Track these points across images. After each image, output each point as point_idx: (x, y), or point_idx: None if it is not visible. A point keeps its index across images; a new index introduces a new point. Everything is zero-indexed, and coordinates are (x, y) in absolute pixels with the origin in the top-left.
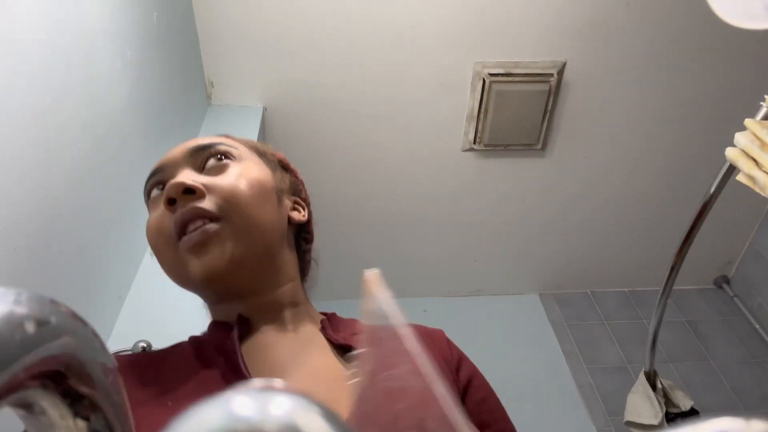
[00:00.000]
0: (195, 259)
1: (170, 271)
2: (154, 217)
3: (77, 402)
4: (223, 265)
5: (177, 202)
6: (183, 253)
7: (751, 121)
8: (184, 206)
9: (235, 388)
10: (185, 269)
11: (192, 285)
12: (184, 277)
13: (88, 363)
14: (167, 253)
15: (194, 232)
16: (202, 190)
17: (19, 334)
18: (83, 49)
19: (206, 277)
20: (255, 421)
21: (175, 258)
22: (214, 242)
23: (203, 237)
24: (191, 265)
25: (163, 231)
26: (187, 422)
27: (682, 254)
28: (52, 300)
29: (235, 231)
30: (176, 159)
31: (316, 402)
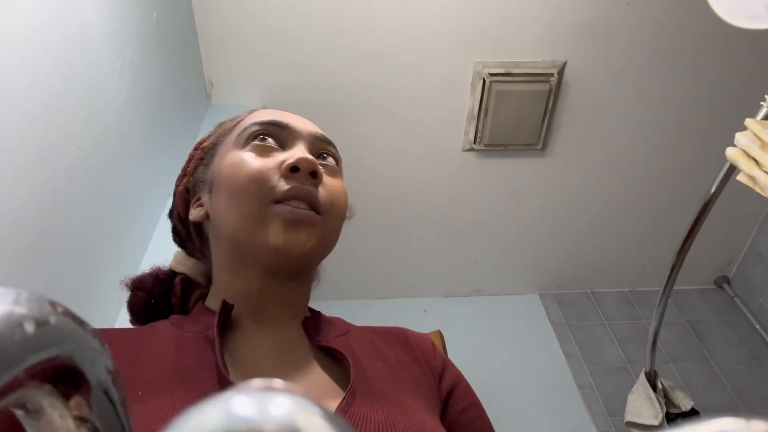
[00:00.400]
0: (282, 230)
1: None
2: (258, 165)
3: (77, 403)
4: (299, 251)
5: (299, 174)
6: (272, 217)
7: (752, 121)
8: (303, 182)
9: (233, 388)
10: (264, 229)
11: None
12: (253, 231)
13: (87, 363)
14: (253, 204)
15: (299, 210)
16: (321, 181)
17: (18, 334)
18: (82, 48)
19: (280, 250)
20: (255, 422)
21: (260, 213)
22: (307, 229)
23: (304, 219)
24: (275, 232)
25: (264, 183)
26: (186, 422)
27: (682, 254)
28: (51, 300)
29: (323, 231)
30: (301, 131)
31: (317, 402)
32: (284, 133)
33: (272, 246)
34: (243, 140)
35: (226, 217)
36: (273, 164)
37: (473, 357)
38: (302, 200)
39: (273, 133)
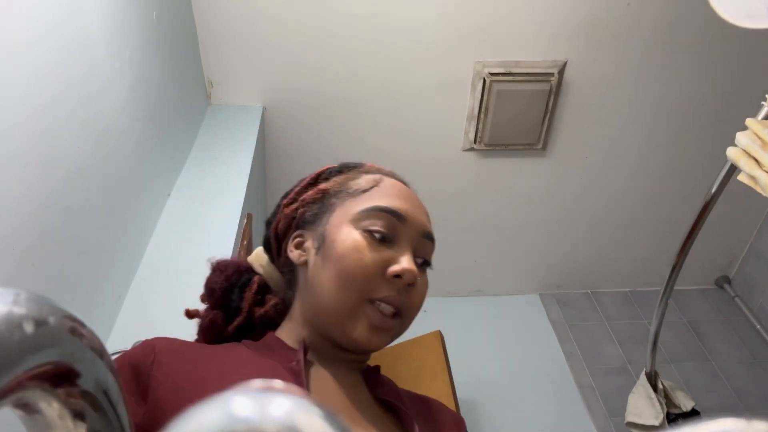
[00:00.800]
0: (367, 331)
1: (337, 301)
2: (369, 261)
3: (75, 402)
4: (376, 347)
5: (399, 281)
6: (362, 315)
7: (753, 121)
8: (399, 291)
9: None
10: (353, 322)
11: (340, 328)
12: (343, 319)
13: (86, 363)
14: (353, 295)
15: (386, 319)
16: (414, 287)
17: (17, 334)
18: (82, 48)
19: (360, 347)
20: (255, 422)
21: (355, 307)
22: (388, 335)
23: (388, 327)
24: (361, 330)
25: (369, 281)
26: (187, 423)
27: (683, 254)
28: (50, 300)
29: (397, 332)
30: (414, 228)
31: (316, 403)
32: (400, 226)
33: (355, 339)
34: (362, 222)
35: (324, 290)
36: (381, 262)
37: (473, 357)
38: (394, 306)
39: (389, 225)
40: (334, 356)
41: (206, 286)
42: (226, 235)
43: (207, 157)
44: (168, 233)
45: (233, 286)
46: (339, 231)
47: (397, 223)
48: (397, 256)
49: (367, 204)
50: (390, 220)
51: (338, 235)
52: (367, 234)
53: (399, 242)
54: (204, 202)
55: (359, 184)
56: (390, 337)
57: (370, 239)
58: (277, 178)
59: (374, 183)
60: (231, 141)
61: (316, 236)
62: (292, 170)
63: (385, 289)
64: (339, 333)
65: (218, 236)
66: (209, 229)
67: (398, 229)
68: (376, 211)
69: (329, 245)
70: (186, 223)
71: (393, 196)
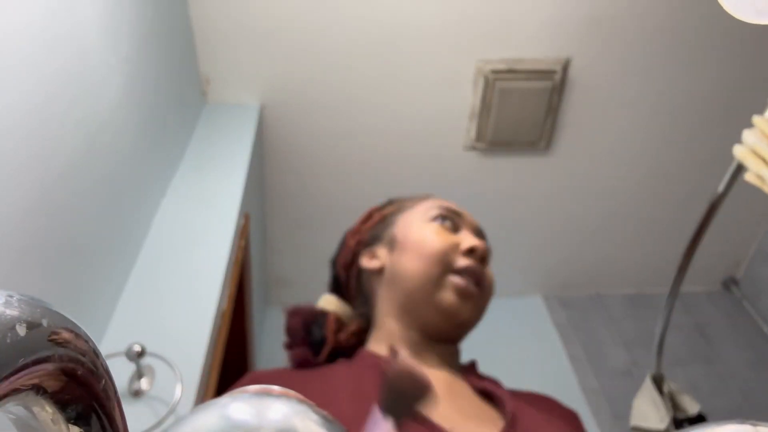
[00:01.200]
0: (455, 298)
1: (423, 277)
2: (444, 240)
3: (69, 406)
4: (463, 318)
5: (474, 255)
6: (450, 284)
7: (760, 119)
8: (476, 261)
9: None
10: (441, 292)
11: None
12: (432, 292)
13: (79, 367)
14: (436, 269)
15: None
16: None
17: (10, 337)
18: (76, 45)
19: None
20: (252, 426)
21: (440, 278)
22: (472, 302)
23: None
24: (448, 297)
25: (448, 255)
26: (184, 428)
27: (689, 255)
28: (43, 302)
29: (480, 306)
30: (469, 222)
31: (313, 407)
32: (458, 219)
33: (445, 307)
34: (429, 216)
35: (409, 274)
36: (454, 242)
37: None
38: (473, 277)
39: (450, 218)
40: (427, 350)
41: (287, 331)
42: (223, 235)
43: (204, 156)
44: (163, 233)
45: (311, 324)
46: (409, 227)
47: (457, 216)
48: (463, 239)
49: (427, 205)
50: (451, 213)
51: (410, 230)
52: (436, 223)
53: (462, 230)
54: (200, 202)
55: (413, 201)
56: (475, 306)
57: (440, 227)
58: (275, 178)
59: (425, 197)
60: (228, 140)
61: (385, 244)
62: (290, 169)
63: (463, 261)
64: (429, 308)
65: (215, 237)
66: (206, 229)
67: (459, 221)
68: (438, 208)
69: (402, 240)
70: (182, 224)
71: (444, 200)
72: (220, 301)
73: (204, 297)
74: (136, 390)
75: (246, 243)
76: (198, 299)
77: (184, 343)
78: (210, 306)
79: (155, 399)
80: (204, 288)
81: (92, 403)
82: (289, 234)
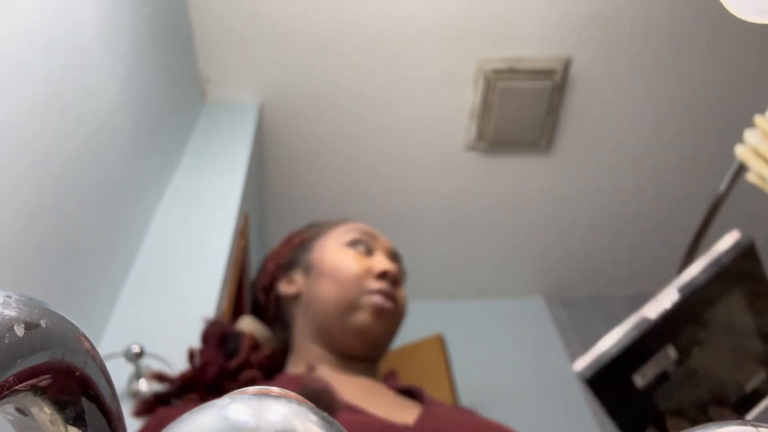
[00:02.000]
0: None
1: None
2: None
3: (68, 407)
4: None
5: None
6: (365, 302)
7: (762, 119)
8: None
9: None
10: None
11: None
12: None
13: (79, 367)
14: (351, 293)
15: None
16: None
17: (8, 337)
18: (75, 45)
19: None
20: (251, 427)
21: (355, 301)
22: (386, 320)
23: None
24: (363, 316)
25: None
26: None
27: (691, 256)
28: (42, 303)
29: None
30: (383, 244)
31: (313, 408)
32: (373, 242)
33: (359, 328)
34: (344, 241)
35: (325, 299)
36: (367, 266)
37: (476, 361)
38: (386, 295)
39: (366, 240)
40: (345, 368)
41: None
42: (222, 235)
43: (203, 156)
44: (162, 234)
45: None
46: (324, 253)
47: (372, 239)
48: (377, 262)
49: (343, 229)
50: (366, 236)
51: (325, 255)
52: (351, 247)
53: (376, 253)
54: (200, 202)
55: (330, 226)
56: (389, 324)
57: (354, 251)
58: (274, 178)
59: (342, 221)
60: (227, 139)
61: (301, 269)
62: (289, 169)
63: (376, 284)
64: (345, 330)
65: (214, 237)
66: (205, 229)
67: (374, 244)
68: (353, 232)
69: (318, 265)
70: (181, 224)
71: (360, 224)
72: (219, 301)
73: (203, 297)
74: (135, 391)
75: (245, 243)
76: (197, 299)
77: (182, 344)
78: (209, 306)
79: None
80: (203, 288)
81: (91, 404)
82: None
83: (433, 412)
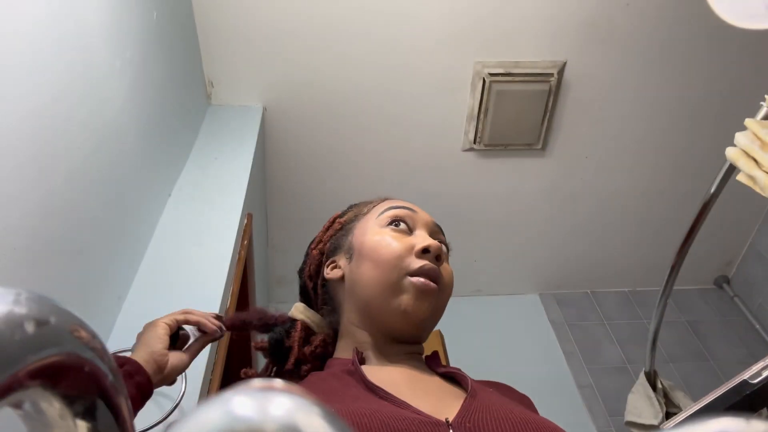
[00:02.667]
0: (413, 298)
1: (380, 284)
2: (398, 245)
3: (77, 402)
4: (422, 317)
5: (428, 255)
6: (408, 286)
7: (752, 121)
8: (430, 261)
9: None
10: (398, 296)
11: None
12: (389, 297)
13: (87, 363)
14: (393, 274)
15: (429, 283)
16: (442, 263)
17: (18, 334)
18: (81, 47)
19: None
20: (255, 422)
21: (397, 283)
22: (429, 301)
23: (431, 291)
24: (406, 300)
25: (403, 260)
26: (187, 423)
27: (682, 254)
28: (51, 300)
29: (438, 304)
30: (425, 218)
31: (316, 402)
32: (414, 217)
33: (402, 310)
34: (383, 221)
35: (367, 282)
36: (408, 245)
37: (473, 357)
38: (430, 276)
39: (405, 218)
40: (391, 352)
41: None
42: (227, 235)
43: (207, 157)
44: (169, 233)
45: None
46: (364, 236)
47: (410, 213)
48: (417, 240)
49: (381, 208)
50: (404, 212)
51: (365, 238)
52: (390, 227)
53: (416, 229)
54: (204, 202)
55: (369, 206)
56: (433, 305)
57: (394, 230)
58: (277, 179)
59: (380, 199)
60: (231, 141)
61: (345, 253)
62: (292, 170)
63: (419, 262)
64: (389, 312)
65: (219, 236)
66: (210, 229)
67: (412, 219)
68: (391, 209)
69: (359, 249)
70: (186, 223)
71: (399, 200)
72: (223, 298)
73: (208, 295)
74: None
75: (249, 242)
76: (202, 297)
77: None
78: (215, 303)
79: (160, 394)
80: (208, 286)
81: (99, 399)
82: (290, 233)
83: (474, 405)
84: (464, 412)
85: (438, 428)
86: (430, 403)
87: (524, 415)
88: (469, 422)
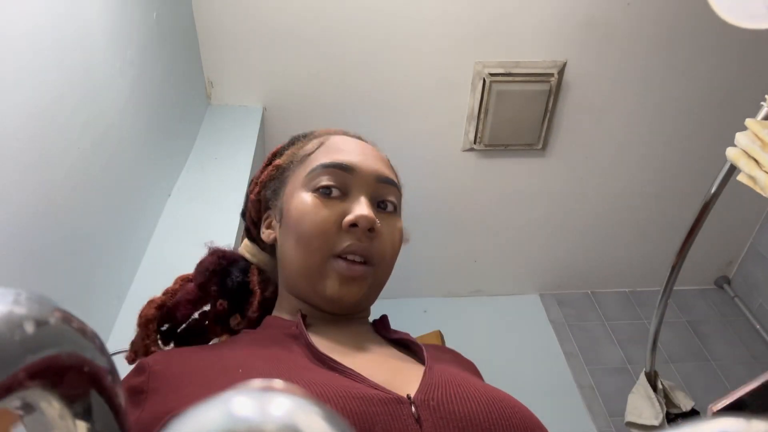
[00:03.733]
0: (337, 284)
1: (303, 266)
2: (322, 217)
3: (76, 402)
4: (350, 302)
5: (357, 229)
6: (330, 270)
7: (752, 121)
8: (360, 239)
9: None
10: (323, 281)
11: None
12: (314, 282)
13: (87, 363)
14: (315, 256)
15: (354, 266)
16: (377, 235)
17: (18, 334)
18: (82, 48)
19: (337, 304)
20: (255, 422)
21: (320, 266)
22: (359, 284)
23: (358, 275)
24: (331, 285)
25: (326, 237)
26: (187, 423)
27: (683, 254)
28: (51, 300)
29: (373, 281)
30: (365, 174)
31: (316, 402)
32: (349, 177)
33: (329, 297)
34: (310, 183)
35: (290, 261)
36: (335, 217)
37: (473, 357)
38: (358, 255)
39: (338, 178)
40: (332, 319)
41: (199, 265)
42: (227, 235)
43: (207, 157)
44: (168, 233)
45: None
46: (292, 199)
47: (346, 174)
48: (350, 206)
49: (312, 164)
50: (337, 173)
51: (292, 203)
52: (317, 193)
53: (352, 193)
54: (204, 202)
55: (306, 150)
56: (364, 286)
57: (321, 197)
58: None
59: (319, 144)
60: (231, 141)
61: (277, 211)
62: None
63: (346, 240)
64: (314, 296)
65: (219, 236)
66: (210, 229)
67: (348, 181)
68: (321, 168)
69: (286, 215)
70: (186, 224)
71: (338, 151)
72: None
73: None
74: None
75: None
76: None
77: None
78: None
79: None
80: None
81: (99, 399)
82: None
83: (435, 379)
84: (425, 387)
85: (400, 406)
86: (386, 376)
87: (489, 392)
88: (432, 400)
